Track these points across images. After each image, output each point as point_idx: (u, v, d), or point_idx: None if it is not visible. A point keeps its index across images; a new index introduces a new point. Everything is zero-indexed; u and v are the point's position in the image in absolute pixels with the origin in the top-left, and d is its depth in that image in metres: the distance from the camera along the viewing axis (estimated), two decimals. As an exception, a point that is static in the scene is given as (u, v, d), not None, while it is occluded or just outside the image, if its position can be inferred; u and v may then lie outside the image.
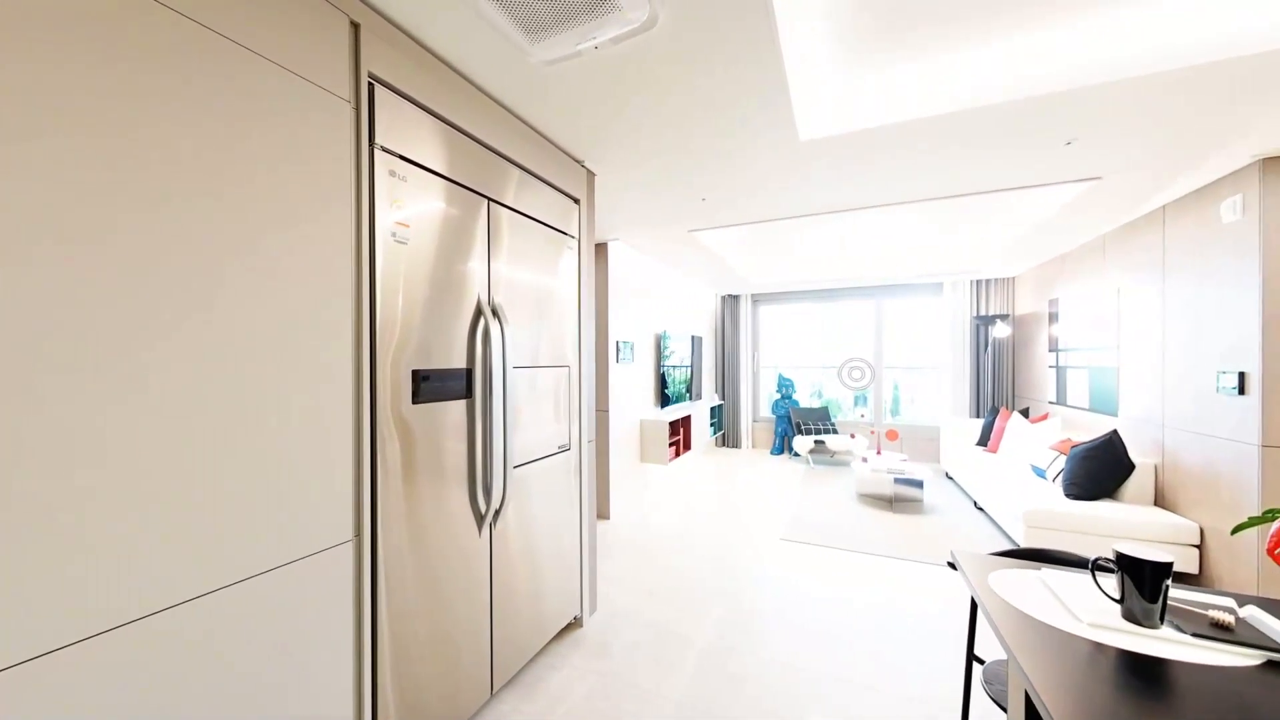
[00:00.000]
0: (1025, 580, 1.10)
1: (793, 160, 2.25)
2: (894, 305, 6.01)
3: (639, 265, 4.26)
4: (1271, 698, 0.73)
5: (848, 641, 2.09)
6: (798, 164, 2.30)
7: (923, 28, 1.58)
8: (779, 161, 2.27)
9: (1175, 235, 2.77)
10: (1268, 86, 1.63)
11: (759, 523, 3.62)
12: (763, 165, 2.31)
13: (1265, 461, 2.18)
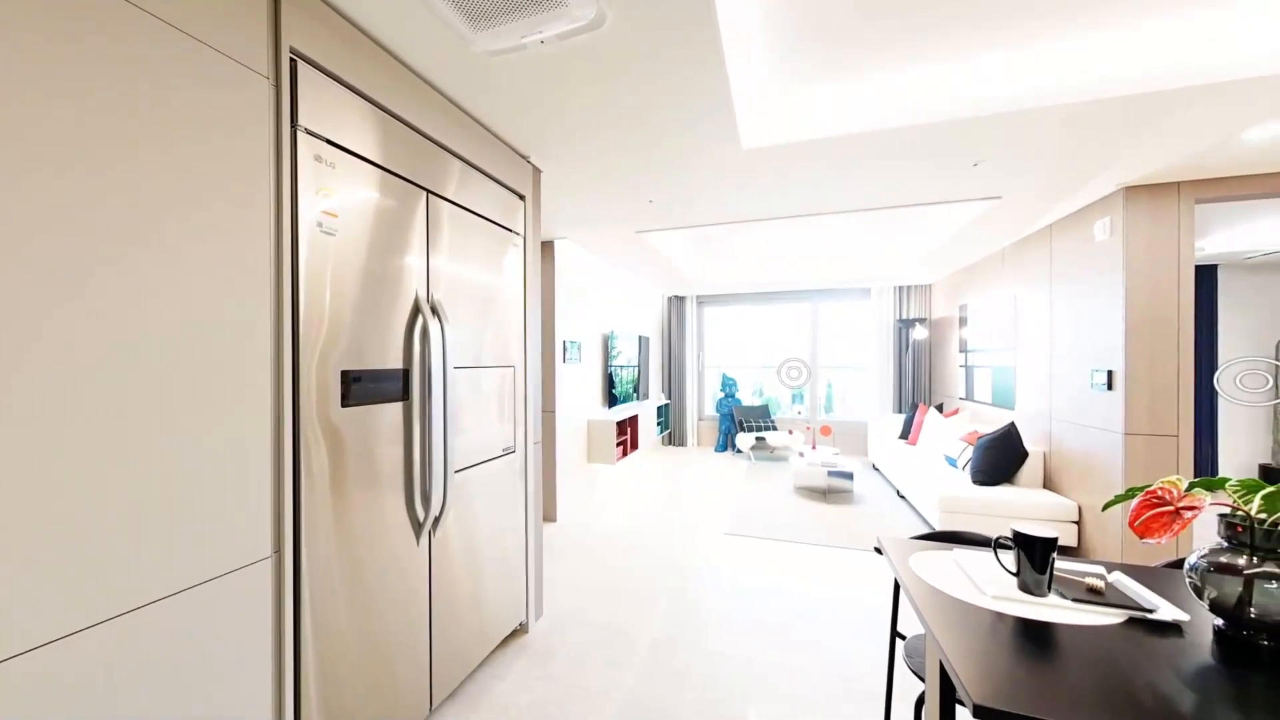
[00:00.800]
0: (940, 561, 1.21)
1: (736, 167, 2.33)
2: (828, 308, 6.38)
3: (587, 265, 4.24)
4: (1131, 648, 0.86)
5: (787, 628, 2.20)
6: (741, 171, 2.38)
7: (853, 51, 1.70)
8: (723, 168, 2.34)
9: (1060, 250, 3.15)
10: (1129, 126, 1.90)
11: (704, 519, 3.72)
12: (708, 171, 2.38)
13: (1128, 447, 2.54)
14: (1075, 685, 0.77)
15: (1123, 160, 2.23)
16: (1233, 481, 0.90)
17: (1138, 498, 0.98)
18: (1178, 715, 0.70)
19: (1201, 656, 0.84)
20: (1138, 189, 2.54)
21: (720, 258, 4.90)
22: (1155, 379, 2.51)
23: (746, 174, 2.42)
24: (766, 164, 2.30)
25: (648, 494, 4.38)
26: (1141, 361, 2.53)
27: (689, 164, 2.30)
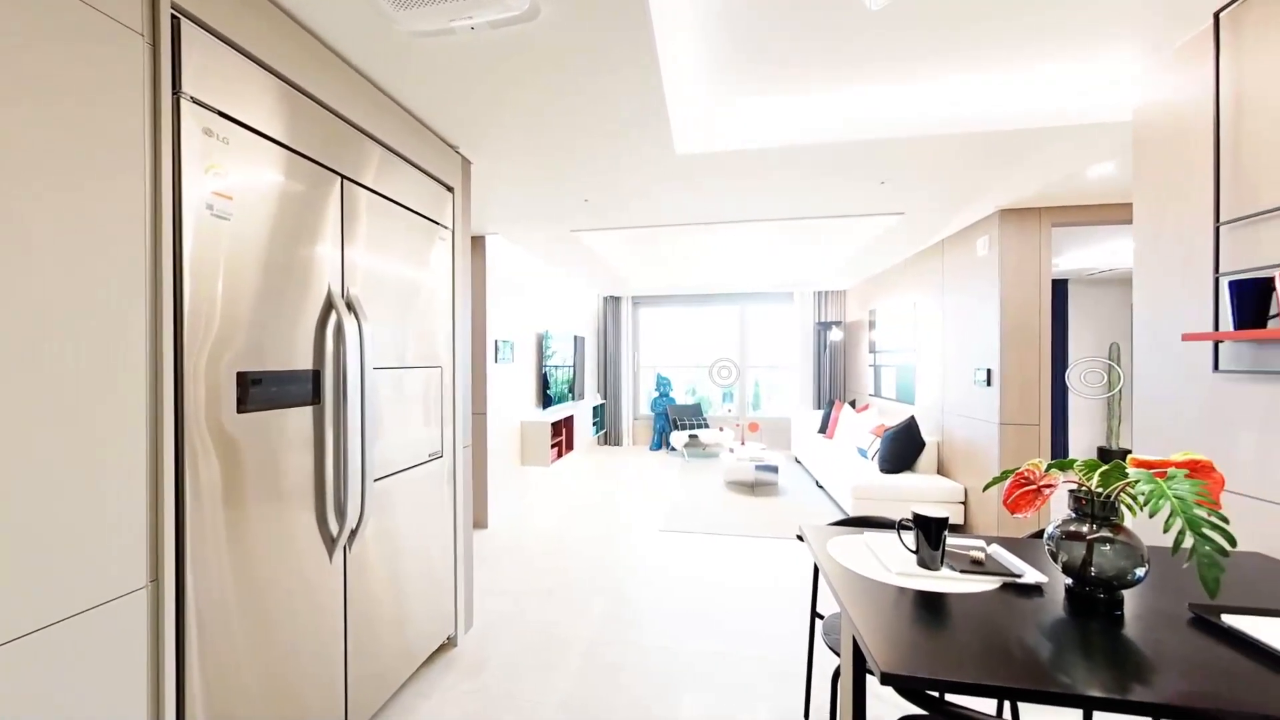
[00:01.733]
0: (853, 544, 1.33)
1: (670, 172, 2.39)
2: (755, 311, 6.73)
3: (520, 262, 4.12)
4: (1005, 610, 0.99)
5: (718, 618, 2.29)
6: (675, 176, 2.44)
7: (780, 70, 1.80)
8: (658, 172, 2.38)
9: (950, 263, 3.56)
10: (1005, 158, 2.20)
11: (639, 517, 3.77)
12: (643, 174, 2.41)
13: (1002, 435, 2.94)
14: (962, 646, 0.88)
15: (1000, 186, 2.57)
16: (1078, 462, 1.07)
17: (1009, 479, 1.14)
18: (1038, 662, 0.83)
19: (1056, 611, 0.99)
20: (1010, 212, 2.94)
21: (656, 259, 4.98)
22: (1022, 376, 2.92)
23: (680, 179, 2.48)
24: (699, 171, 2.37)
25: (583, 495, 4.35)
26: (1013, 361, 2.93)
27: (624, 165, 2.32)
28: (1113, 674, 0.80)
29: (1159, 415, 1.61)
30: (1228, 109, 1.39)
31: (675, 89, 1.85)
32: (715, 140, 2.14)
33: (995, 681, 0.78)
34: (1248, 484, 1.33)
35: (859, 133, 2.03)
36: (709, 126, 2.13)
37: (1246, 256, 1.34)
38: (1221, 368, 1.41)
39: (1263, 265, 1.29)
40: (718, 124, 2.12)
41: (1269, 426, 1.29)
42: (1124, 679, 0.79)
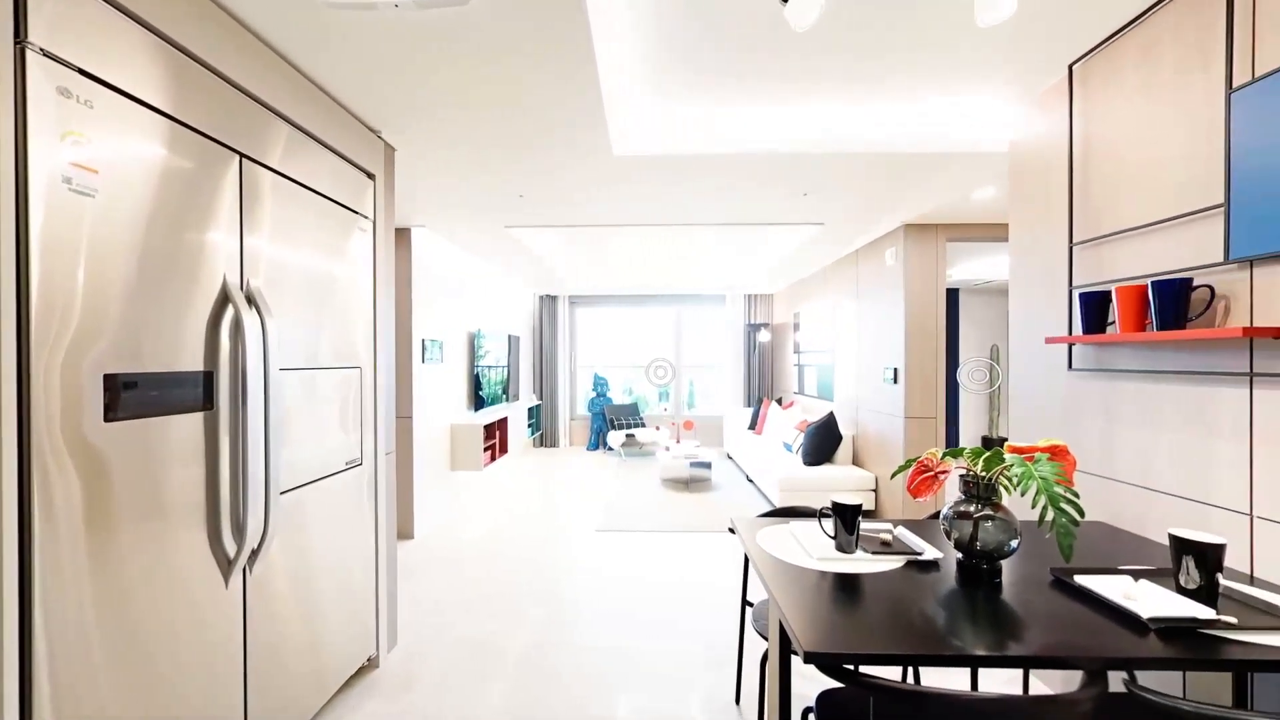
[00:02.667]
0: (779, 533, 1.41)
1: (608, 173, 2.39)
2: (690, 312, 6.92)
3: (451, 258, 3.92)
4: (908, 585, 1.11)
5: (656, 614, 2.32)
6: (612, 177, 2.45)
7: (713, 79, 1.87)
8: (595, 172, 2.38)
9: (864, 271, 3.89)
10: (910, 178, 2.44)
11: (576, 518, 3.73)
12: (580, 172, 2.39)
13: (906, 428, 3.26)
14: (873, 621, 0.97)
15: (904, 203, 2.85)
16: (966, 451, 1.21)
17: (912, 467, 1.27)
18: (934, 629, 0.93)
19: (949, 583, 1.12)
20: (913, 226, 3.26)
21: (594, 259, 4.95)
22: (922, 374, 3.25)
23: (618, 181, 2.49)
24: (637, 173, 2.40)
25: (518, 498, 4.24)
26: (915, 361, 3.26)
27: (561, 163, 2.29)
28: (994, 635, 0.92)
29: (1028, 407, 1.87)
30: (1079, 148, 1.64)
31: (614, 91, 1.86)
32: (654, 144, 2.17)
33: (900, 651, 0.87)
34: (1093, 464, 1.58)
35: (786, 146, 2.16)
36: (647, 130, 2.16)
37: (1093, 272, 1.59)
38: (1074, 367, 1.66)
39: (1104, 280, 1.54)
40: (656, 128, 2.16)
41: (1108, 416, 1.55)
42: (1002, 638, 0.91)
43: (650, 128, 2.16)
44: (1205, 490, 1.27)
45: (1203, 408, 1.28)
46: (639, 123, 2.14)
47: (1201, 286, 1.27)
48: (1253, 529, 1.18)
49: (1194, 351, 1.30)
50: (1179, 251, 1.33)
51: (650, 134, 2.16)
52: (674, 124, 2.15)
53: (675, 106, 2.08)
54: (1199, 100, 1.28)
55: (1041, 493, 1.02)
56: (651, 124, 2.15)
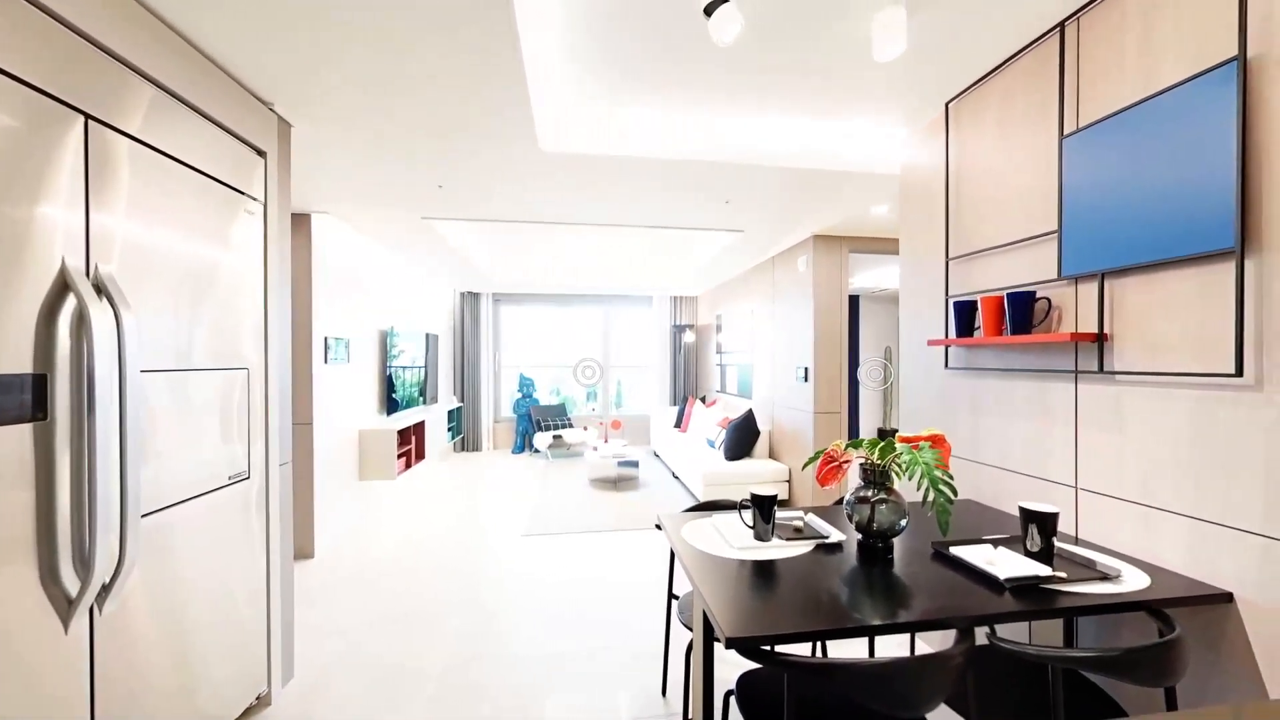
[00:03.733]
0: (703, 527, 1.47)
1: (535, 168, 2.33)
2: (618, 312, 6.96)
3: (360, 249, 3.59)
4: (817, 567, 1.21)
5: (584, 615, 2.31)
6: (539, 173, 2.39)
7: (643, 85, 1.89)
8: (521, 166, 2.31)
9: (779, 277, 4.16)
10: (819, 192, 2.65)
11: (501, 523, 3.60)
12: (506, 166, 2.31)
13: (816, 422, 3.54)
14: (787, 603, 1.04)
15: (815, 215, 3.09)
16: (865, 441, 1.35)
17: (820, 458, 1.38)
18: (839, 604, 1.02)
19: (851, 562, 1.24)
20: (821, 237, 3.55)
21: (518, 256, 4.80)
22: (829, 373, 3.56)
23: (545, 176, 2.44)
24: (565, 170, 2.37)
25: (438, 506, 3.99)
26: (822, 360, 3.55)
27: (486, 155, 2.19)
28: (887, 605, 1.03)
29: (914, 401, 2.12)
30: (954, 175, 1.89)
31: (542, 85, 1.82)
32: (583, 143, 2.16)
33: (810, 628, 0.94)
34: (964, 449, 1.83)
35: (709, 155, 2.25)
36: (577, 129, 2.14)
37: (964, 283, 1.84)
38: (949, 366, 1.91)
39: (973, 291, 1.79)
40: (585, 127, 2.15)
41: (974, 408, 1.80)
42: (894, 607, 1.02)
43: (579, 126, 2.14)
44: (1045, 468, 1.53)
45: (1043, 400, 1.53)
46: (568, 120, 2.12)
47: (1042, 298, 1.52)
48: (1077, 499, 1.43)
49: (1037, 353, 1.55)
50: (1027, 268, 1.59)
51: (579, 132, 2.15)
52: (603, 124, 2.15)
53: (605, 107, 2.08)
54: (1042, 142, 1.53)
55: (925, 476, 1.16)
56: (581, 122, 2.13)
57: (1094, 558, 1.21)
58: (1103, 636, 1.35)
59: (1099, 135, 1.33)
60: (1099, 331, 1.35)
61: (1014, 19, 1.47)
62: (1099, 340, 1.35)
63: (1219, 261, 1.11)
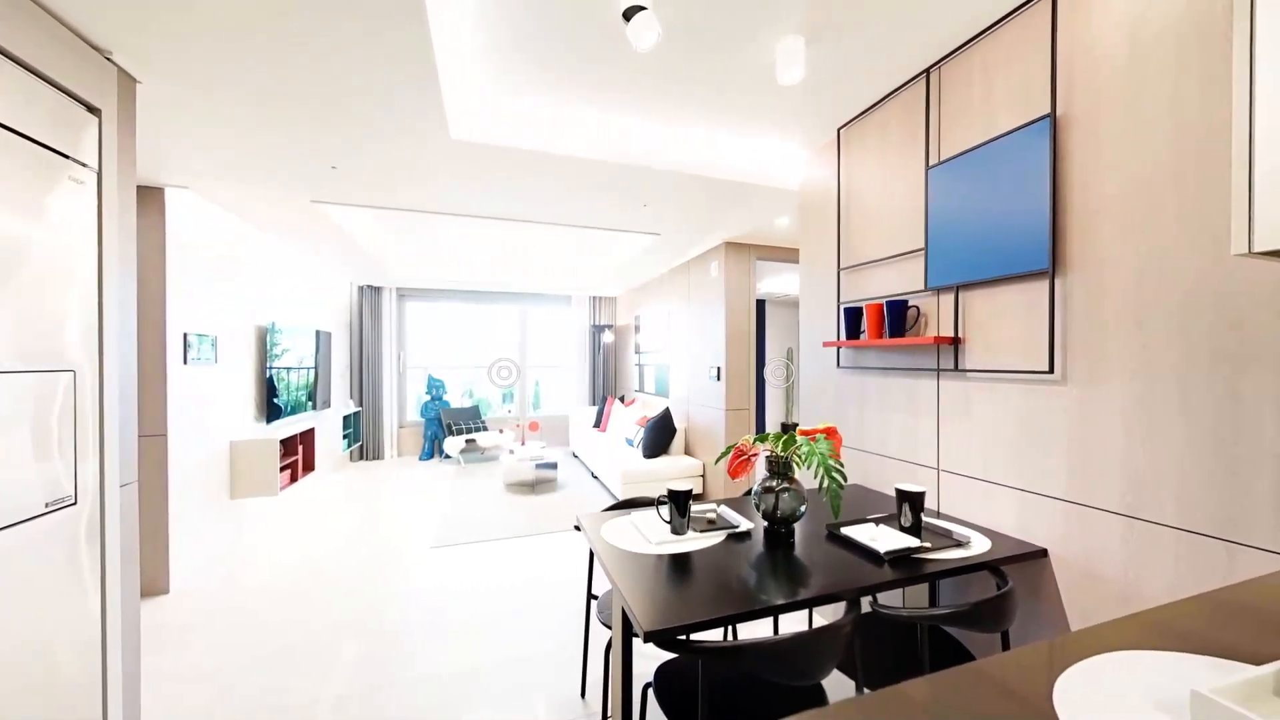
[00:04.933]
0: (622, 524, 1.49)
1: (444, 155, 2.20)
2: (535, 312, 6.78)
3: (232, 232, 3.12)
4: (729, 555, 1.28)
5: (501, 624, 2.22)
6: (449, 160, 2.26)
7: (563, 81, 1.87)
8: (429, 152, 2.17)
9: (694, 280, 4.34)
10: (730, 202, 2.80)
11: (407, 536, 3.34)
12: (411, 150, 2.15)
13: (728, 419, 3.74)
14: (702, 592, 1.09)
15: (726, 223, 3.26)
16: (770, 435, 1.45)
17: (730, 452, 1.47)
18: (748, 588, 1.10)
19: (758, 549, 1.33)
20: (732, 244, 3.76)
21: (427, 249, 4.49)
22: (738, 372, 3.78)
23: (455, 165, 2.31)
24: (479, 161, 2.26)
25: (332, 522, 3.60)
26: (733, 360, 3.76)
27: (389, 136, 2.03)
28: (789, 585, 1.13)
29: (813, 398, 2.33)
30: (844, 193, 2.11)
31: (457, 71, 1.73)
32: (498, 133, 2.07)
33: (721, 614, 1.00)
34: (853, 440, 2.05)
35: (627, 158, 2.28)
36: (494, 119, 2.05)
37: (853, 291, 2.06)
38: (841, 365, 2.13)
39: (860, 298, 2.01)
40: (504, 119, 2.07)
41: (861, 402, 2.02)
42: (795, 587, 1.12)
43: (497, 117, 2.06)
44: (915, 453, 1.76)
45: (914, 394, 1.77)
46: (484, 110, 2.02)
47: (913, 306, 1.75)
48: (939, 479, 1.67)
49: (909, 354, 1.78)
50: (902, 279, 1.82)
51: (496, 123, 2.06)
52: (522, 118, 2.09)
53: (525, 102, 2.02)
54: (912, 170, 1.76)
55: (820, 466, 1.28)
56: (499, 114, 2.05)
57: (951, 528, 1.42)
58: (957, 594, 1.59)
59: (954, 168, 1.57)
60: (955, 336, 1.58)
61: (892, 61, 1.68)
62: (955, 343, 1.58)
63: (1038, 280, 1.36)
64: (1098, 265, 1.24)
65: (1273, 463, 0.96)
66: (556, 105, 2.05)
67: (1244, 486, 1.00)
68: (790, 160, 2.50)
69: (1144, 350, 1.15)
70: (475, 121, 2.03)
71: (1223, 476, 1.03)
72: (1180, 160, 1.09)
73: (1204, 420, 1.06)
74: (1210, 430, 1.05)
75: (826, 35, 1.55)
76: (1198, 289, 1.07)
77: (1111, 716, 0.52)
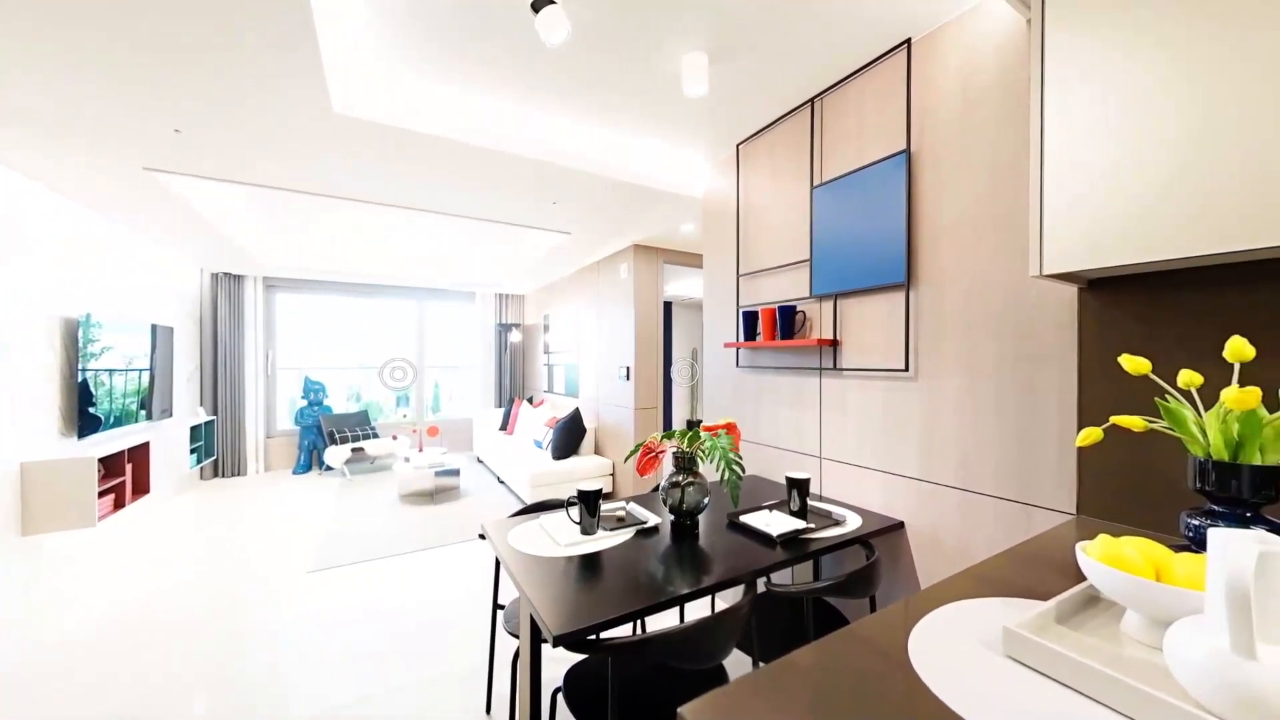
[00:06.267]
0: (530, 529, 1.45)
1: (324, 130, 1.97)
2: (435, 308, 6.32)
3: (22, 198, 2.46)
4: (638, 551, 1.31)
5: (397, 648, 2.04)
6: (330, 136, 2.02)
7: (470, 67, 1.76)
8: (307, 125, 1.92)
9: (604, 281, 4.36)
10: (638, 205, 2.86)
11: (277, 561, 2.92)
12: (283, 120, 1.89)
13: (637, 418, 3.82)
14: (611, 590, 1.10)
15: (635, 226, 3.33)
16: (676, 432, 1.52)
17: (639, 450, 1.50)
18: (656, 581, 1.13)
19: (666, 542, 1.38)
20: (641, 247, 3.84)
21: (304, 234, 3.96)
22: (647, 372, 3.88)
23: (340, 143, 2.08)
24: (368, 141, 2.05)
25: (173, 553, 3.02)
26: (642, 360, 3.85)
27: (251, 100, 1.76)
28: (694, 574, 1.19)
29: (715, 395, 2.47)
30: (742, 205, 2.27)
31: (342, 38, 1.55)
32: (395, 114, 1.90)
33: (630, 609, 1.02)
34: (751, 434, 2.21)
35: (539, 153, 2.22)
36: (389, 97, 1.87)
37: (750, 296, 2.22)
38: (740, 365, 2.29)
39: (756, 302, 2.17)
40: (401, 98, 1.89)
41: (758, 399, 2.19)
42: (699, 575, 1.18)
43: (392, 95, 1.88)
44: (802, 444, 1.95)
45: (801, 391, 1.96)
46: (375, 85, 1.84)
47: (800, 311, 1.94)
48: (821, 465, 1.87)
49: (797, 354, 1.97)
50: (792, 286, 2.00)
51: (392, 102, 1.89)
52: (422, 100, 1.93)
53: (425, 83, 1.87)
54: (801, 188, 1.95)
55: (721, 459, 1.36)
56: (395, 92, 1.88)
57: (831, 509, 1.60)
58: (836, 568, 1.80)
59: (834, 190, 1.77)
60: (834, 339, 1.79)
61: (783, 88, 1.84)
62: (834, 345, 1.79)
63: (897, 291, 1.59)
64: (940, 281, 1.48)
65: (1055, 441, 1.23)
66: (465, 92, 1.94)
67: (1036, 460, 1.26)
68: (695, 170, 2.63)
69: (971, 353, 1.40)
70: (367, 98, 1.84)
71: (1023, 453, 1.29)
72: (996, 198, 1.34)
73: (1011, 408, 1.31)
74: (1014, 416, 1.30)
75: (727, 56, 1.66)
76: (1007, 303, 1.32)
77: (948, 656, 0.63)
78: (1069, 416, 1.20)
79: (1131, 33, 0.85)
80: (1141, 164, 0.84)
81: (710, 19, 1.49)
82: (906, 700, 0.55)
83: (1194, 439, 0.76)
